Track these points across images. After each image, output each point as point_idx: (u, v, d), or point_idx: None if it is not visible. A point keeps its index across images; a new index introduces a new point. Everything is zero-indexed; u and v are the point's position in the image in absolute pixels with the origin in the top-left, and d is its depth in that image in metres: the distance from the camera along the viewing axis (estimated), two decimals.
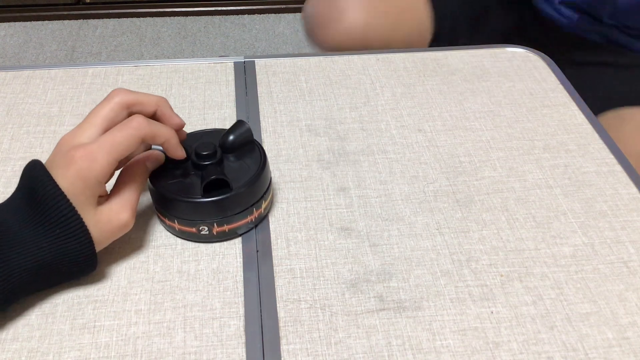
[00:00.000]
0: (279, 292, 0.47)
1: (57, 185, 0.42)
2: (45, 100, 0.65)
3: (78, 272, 0.45)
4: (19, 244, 0.41)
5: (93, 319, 0.45)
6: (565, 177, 0.57)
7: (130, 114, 0.47)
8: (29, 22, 1.83)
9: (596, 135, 0.62)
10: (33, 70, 0.70)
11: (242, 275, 0.48)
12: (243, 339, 0.44)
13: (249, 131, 0.51)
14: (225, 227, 0.49)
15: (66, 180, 0.42)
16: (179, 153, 0.48)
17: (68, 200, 0.42)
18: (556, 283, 0.48)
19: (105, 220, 0.45)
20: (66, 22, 1.84)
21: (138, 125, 0.44)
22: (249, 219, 0.50)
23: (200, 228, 0.49)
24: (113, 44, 1.75)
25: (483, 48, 0.75)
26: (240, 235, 0.51)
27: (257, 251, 0.50)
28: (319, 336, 0.44)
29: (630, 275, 0.49)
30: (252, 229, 0.51)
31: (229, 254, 0.50)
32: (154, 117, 0.48)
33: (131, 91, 0.47)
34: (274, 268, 0.49)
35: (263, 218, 0.52)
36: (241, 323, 0.45)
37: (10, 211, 0.43)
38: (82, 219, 0.43)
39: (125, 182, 0.47)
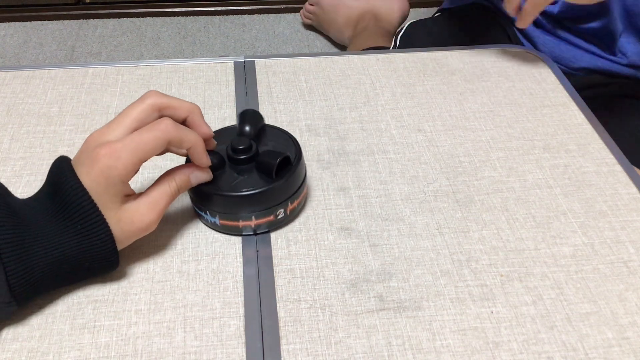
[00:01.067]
0: (279, 292, 0.47)
1: (80, 182, 0.42)
2: (45, 100, 0.65)
3: (100, 269, 0.45)
4: (42, 237, 0.42)
5: (93, 318, 0.45)
6: (565, 177, 0.57)
7: (160, 117, 0.46)
8: (28, 22, 1.83)
9: (596, 135, 0.62)
10: (33, 70, 0.70)
11: (242, 275, 0.48)
12: (243, 339, 0.44)
13: (257, 113, 0.52)
14: (296, 203, 0.51)
15: (90, 177, 0.43)
16: (204, 160, 0.47)
17: (89, 196, 0.42)
18: (556, 283, 0.48)
19: (128, 220, 0.44)
20: (66, 22, 1.84)
21: (165, 128, 0.44)
22: (305, 190, 0.52)
23: (278, 212, 0.50)
24: (113, 44, 1.75)
25: (483, 48, 0.75)
26: (299, 212, 0.53)
27: (257, 251, 0.50)
28: (319, 336, 0.44)
29: (630, 275, 0.49)
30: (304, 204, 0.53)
31: (229, 254, 0.50)
32: (183, 123, 0.48)
33: (165, 95, 0.46)
34: (274, 268, 0.49)
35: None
36: (241, 323, 0.45)
37: (36, 206, 0.44)
38: (102, 215, 0.43)
39: (160, 185, 0.46)
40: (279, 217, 0.50)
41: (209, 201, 0.49)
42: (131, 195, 0.45)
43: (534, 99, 0.67)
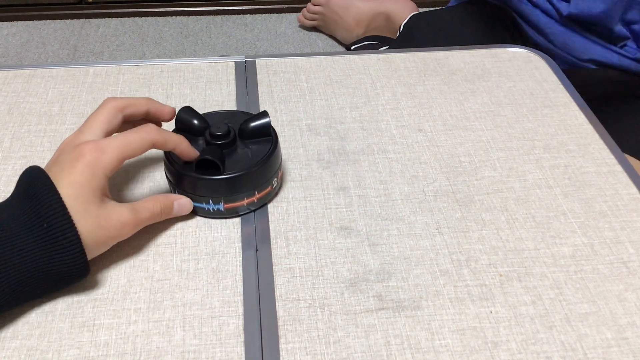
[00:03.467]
0: (278, 291, 0.47)
1: (52, 182, 0.43)
2: (47, 99, 0.66)
3: (67, 273, 0.43)
4: (3, 240, 0.41)
5: (92, 317, 0.45)
6: (565, 177, 0.57)
7: (125, 117, 0.50)
8: (31, 22, 1.84)
9: (596, 135, 0.62)
10: (34, 69, 0.70)
11: (242, 274, 0.48)
12: (242, 338, 0.44)
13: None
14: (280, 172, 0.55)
15: (72, 173, 0.43)
16: (192, 154, 0.50)
17: (59, 195, 0.42)
18: (555, 283, 0.48)
19: (106, 216, 0.45)
20: (68, 21, 1.84)
21: (150, 130, 0.47)
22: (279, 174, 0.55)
23: (273, 182, 0.53)
24: (115, 44, 1.75)
25: (484, 48, 0.75)
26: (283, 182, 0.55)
27: (257, 250, 0.50)
28: (318, 335, 0.44)
29: (629, 276, 0.49)
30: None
31: (229, 253, 0.50)
32: (148, 115, 0.52)
33: (121, 97, 0.50)
34: (273, 267, 0.49)
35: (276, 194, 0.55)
36: (240, 322, 0.45)
37: (2, 209, 0.43)
38: (69, 214, 0.42)
39: (145, 201, 0.49)
40: (274, 186, 0.53)
41: (218, 188, 0.50)
42: (110, 199, 0.46)
43: (535, 99, 0.67)
